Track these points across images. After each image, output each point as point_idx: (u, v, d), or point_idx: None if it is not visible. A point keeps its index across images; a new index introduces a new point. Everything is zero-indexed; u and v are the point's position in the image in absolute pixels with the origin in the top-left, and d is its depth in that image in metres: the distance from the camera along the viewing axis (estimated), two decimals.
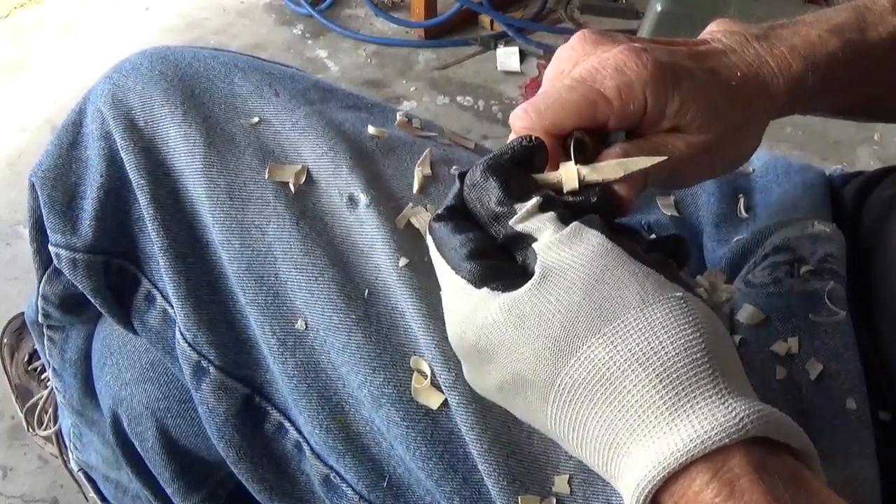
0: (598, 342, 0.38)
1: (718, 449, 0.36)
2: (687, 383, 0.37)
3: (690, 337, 0.38)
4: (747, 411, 0.36)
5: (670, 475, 0.36)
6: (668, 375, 0.37)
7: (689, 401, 0.37)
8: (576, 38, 0.49)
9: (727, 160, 0.51)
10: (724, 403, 0.37)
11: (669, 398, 0.37)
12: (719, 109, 0.47)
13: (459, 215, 0.45)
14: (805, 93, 0.50)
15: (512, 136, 0.46)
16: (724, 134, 0.48)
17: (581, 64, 0.47)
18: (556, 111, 0.45)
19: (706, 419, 0.36)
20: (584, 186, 0.44)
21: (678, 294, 0.39)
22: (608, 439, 0.38)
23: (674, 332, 0.38)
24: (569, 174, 0.44)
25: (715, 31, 0.52)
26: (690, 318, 0.39)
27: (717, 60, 0.49)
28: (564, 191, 0.44)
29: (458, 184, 0.45)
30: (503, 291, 0.41)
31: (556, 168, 0.46)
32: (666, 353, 0.38)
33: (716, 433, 0.36)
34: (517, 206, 0.43)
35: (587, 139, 0.46)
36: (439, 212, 0.45)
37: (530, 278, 0.41)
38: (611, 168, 0.44)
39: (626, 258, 0.40)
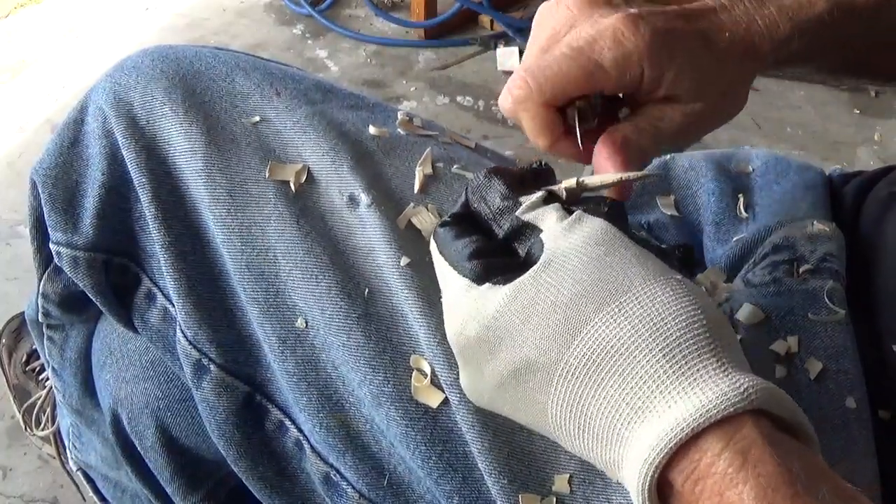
0: (603, 319, 0.38)
1: (729, 418, 0.35)
2: (690, 357, 0.37)
3: (692, 312, 0.38)
4: (751, 382, 0.36)
5: (678, 447, 0.35)
6: (671, 350, 0.37)
7: (693, 374, 0.37)
8: None
9: (716, 121, 0.51)
10: (727, 375, 0.37)
11: (674, 371, 0.37)
12: (711, 76, 0.48)
13: (464, 222, 0.46)
14: (791, 55, 0.50)
15: (506, 101, 0.47)
16: (715, 99, 0.49)
17: (577, 28, 0.47)
18: (554, 84, 0.46)
19: (711, 390, 0.36)
20: (582, 190, 0.46)
21: (678, 277, 0.40)
22: (612, 420, 0.38)
23: (676, 307, 0.38)
24: (569, 185, 0.46)
25: None
26: (691, 297, 0.39)
27: (708, 21, 0.48)
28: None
29: (464, 196, 0.47)
30: (505, 284, 0.41)
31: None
32: (668, 327, 0.38)
33: (721, 403, 0.35)
34: (522, 198, 0.44)
35: (588, 107, 0.48)
36: (445, 218, 0.46)
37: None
38: (607, 176, 0.46)
39: (627, 241, 0.41)
